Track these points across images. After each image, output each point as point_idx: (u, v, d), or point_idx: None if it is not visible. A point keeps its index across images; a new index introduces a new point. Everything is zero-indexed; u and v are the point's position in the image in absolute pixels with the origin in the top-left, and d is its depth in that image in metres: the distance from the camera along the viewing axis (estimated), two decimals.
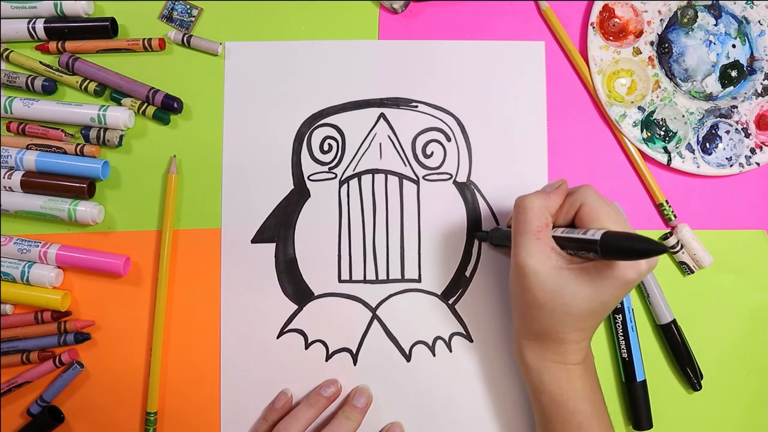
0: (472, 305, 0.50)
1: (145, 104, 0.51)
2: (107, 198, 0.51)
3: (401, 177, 0.51)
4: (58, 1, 0.51)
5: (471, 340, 0.50)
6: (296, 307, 0.50)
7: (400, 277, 0.50)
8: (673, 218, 0.51)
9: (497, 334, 0.50)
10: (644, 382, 0.49)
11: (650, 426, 0.49)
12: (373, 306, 0.50)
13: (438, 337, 0.50)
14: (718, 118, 0.51)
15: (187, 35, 0.51)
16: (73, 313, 0.50)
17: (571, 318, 0.40)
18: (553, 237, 0.40)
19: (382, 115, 0.51)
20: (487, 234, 0.49)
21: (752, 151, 0.51)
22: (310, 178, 0.51)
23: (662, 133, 0.52)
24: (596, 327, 0.42)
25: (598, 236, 0.36)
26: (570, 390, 0.42)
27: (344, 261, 0.50)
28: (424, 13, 0.52)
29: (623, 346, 0.49)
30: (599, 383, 0.44)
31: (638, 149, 0.51)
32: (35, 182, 0.50)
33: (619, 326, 0.49)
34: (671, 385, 0.51)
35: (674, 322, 0.50)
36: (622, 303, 0.49)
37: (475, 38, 0.52)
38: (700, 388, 0.50)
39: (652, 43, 0.52)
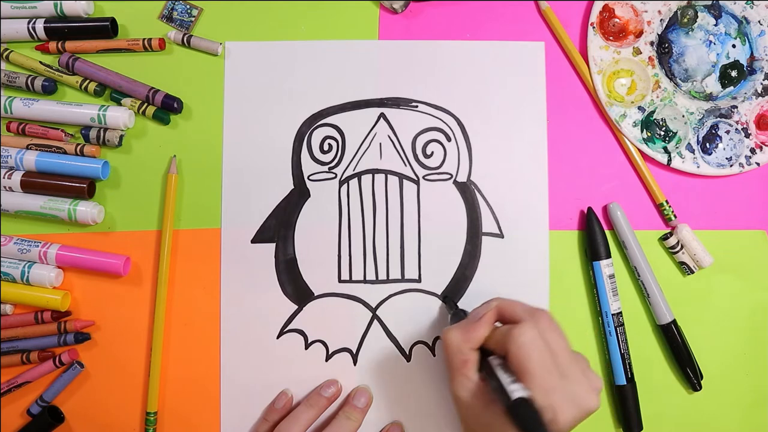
0: (472, 305, 0.50)
1: (145, 104, 0.51)
2: (107, 198, 0.51)
3: (401, 177, 0.51)
4: (58, 1, 0.51)
5: None
6: (296, 307, 0.50)
7: (400, 277, 0.50)
8: (673, 218, 0.51)
9: None
10: (631, 386, 0.49)
11: (640, 428, 0.49)
12: (373, 306, 0.50)
13: (438, 337, 0.50)
14: (718, 118, 0.51)
15: (187, 35, 0.51)
16: (73, 313, 0.50)
17: None
18: (487, 365, 0.40)
19: (382, 115, 0.51)
20: (451, 311, 0.48)
21: (752, 151, 0.51)
22: (310, 178, 0.51)
23: (662, 133, 0.52)
24: None
25: (509, 401, 0.36)
26: None
27: (344, 261, 0.50)
28: (424, 13, 0.52)
29: (606, 350, 0.50)
30: None
31: (638, 149, 0.51)
32: (35, 182, 0.50)
33: (601, 329, 0.50)
34: (671, 385, 0.51)
35: (674, 322, 0.50)
36: (600, 307, 0.49)
37: (475, 38, 0.52)
38: (700, 388, 0.50)
39: (652, 43, 0.52)
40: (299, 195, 0.51)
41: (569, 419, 0.38)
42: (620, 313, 0.49)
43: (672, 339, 0.50)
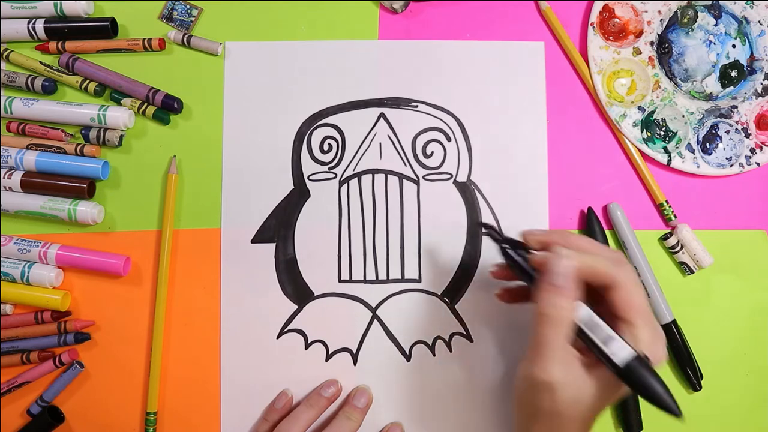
0: (472, 305, 0.50)
1: (145, 104, 0.51)
2: (107, 198, 0.51)
3: (401, 177, 0.51)
4: (58, 1, 0.51)
5: (471, 340, 0.50)
6: (296, 307, 0.50)
7: (400, 277, 0.50)
8: (673, 218, 0.51)
9: (497, 334, 0.50)
10: None
11: (640, 428, 0.49)
12: (373, 306, 0.50)
13: (438, 337, 0.50)
14: (718, 118, 0.51)
15: (187, 35, 0.51)
16: (73, 313, 0.50)
17: (586, 417, 0.38)
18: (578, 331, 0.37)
19: (382, 115, 0.51)
20: (500, 241, 0.43)
21: (752, 151, 0.51)
22: (310, 178, 0.51)
23: (662, 133, 0.52)
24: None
25: (622, 363, 0.35)
26: None
27: (344, 261, 0.50)
28: (424, 13, 0.52)
29: None
30: None
31: (638, 149, 0.51)
32: (35, 182, 0.50)
33: None
34: (671, 385, 0.50)
35: (674, 322, 0.50)
36: None
37: (475, 38, 0.52)
38: (700, 388, 0.50)
39: (652, 43, 0.52)
40: (299, 195, 0.51)
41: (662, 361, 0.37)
42: None
43: (672, 339, 0.50)
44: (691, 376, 0.50)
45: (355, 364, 0.50)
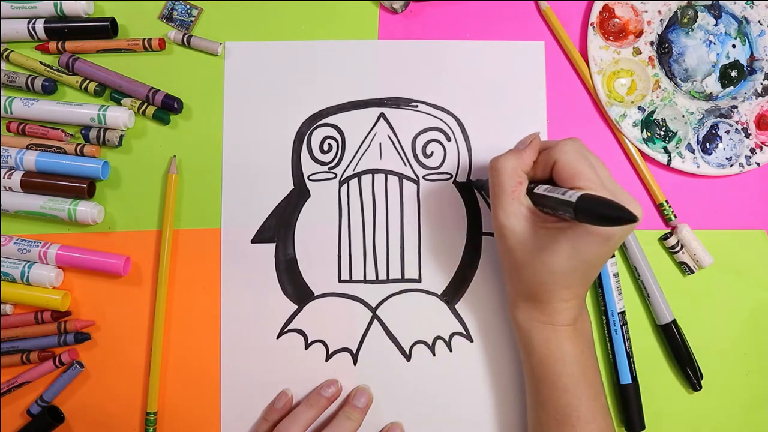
0: (472, 305, 0.50)
1: (145, 104, 0.51)
2: (107, 198, 0.51)
3: (401, 177, 0.51)
4: (58, 1, 0.51)
5: (471, 340, 0.50)
6: (296, 307, 0.50)
7: (400, 277, 0.50)
8: (673, 218, 0.51)
9: (497, 334, 0.50)
10: (634, 385, 0.49)
11: (642, 427, 0.49)
12: (373, 306, 0.50)
13: (438, 337, 0.50)
14: (718, 118, 0.51)
15: (187, 35, 0.51)
16: (73, 313, 0.50)
17: (555, 277, 0.40)
18: (533, 194, 0.41)
19: (382, 115, 0.51)
20: (480, 184, 0.50)
21: (752, 151, 0.51)
22: (310, 178, 0.51)
23: (662, 133, 0.52)
24: (586, 286, 0.43)
25: (573, 199, 0.36)
26: (557, 351, 0.42)
27: (344, 261, 0.50)
28: (424, 13, 0.52)
29: (609, 349, 0.49)
30: (593, 348, 0.44)
31: (638, 149, 0.51)
32: (35, 182, 0.50)
33: (604, 328, 0.50)
34: (671, 385, 0.51)
35: (674, 322, 0.50)
36: (605, 306, 0.49)
37: (475, 38, 0.52)
38: (700, 388, 0.50)
39: (652, 43, 0.52)
40: (299, 195, 0.51)
41: (621, 228, 0.39)
42: (624, 311, 0.49)
43: (672, 339, 0.50)
44: (691, 376, 0.50)
45: (355, 364, 0.50)
